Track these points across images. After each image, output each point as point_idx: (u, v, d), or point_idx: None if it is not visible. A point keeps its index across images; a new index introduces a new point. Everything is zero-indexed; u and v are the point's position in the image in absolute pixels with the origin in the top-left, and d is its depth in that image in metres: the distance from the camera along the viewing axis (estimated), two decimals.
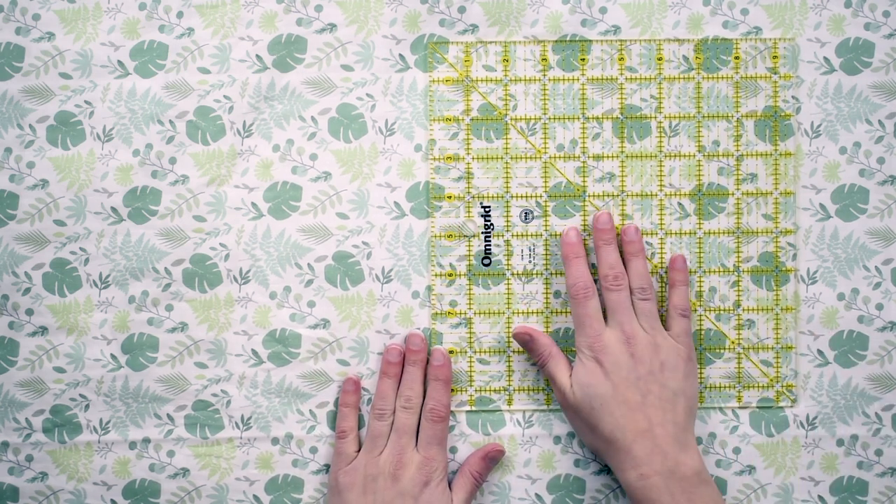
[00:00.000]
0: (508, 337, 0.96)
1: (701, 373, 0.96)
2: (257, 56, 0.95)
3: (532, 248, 0.96)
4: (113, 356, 0.95)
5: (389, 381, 0.94)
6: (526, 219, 0.95)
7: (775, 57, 0.95)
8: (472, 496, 0.93)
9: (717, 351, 0.96)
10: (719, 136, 0.95)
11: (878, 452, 0.96)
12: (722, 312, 0.96)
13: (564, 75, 0.95)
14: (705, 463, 0.94)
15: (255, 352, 0.96)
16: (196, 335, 0.95)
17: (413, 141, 0.96)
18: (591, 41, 0.96)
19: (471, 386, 0.96)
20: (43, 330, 0.95)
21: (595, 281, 0.94)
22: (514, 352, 0.96)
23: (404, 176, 0.96)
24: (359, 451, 0.94)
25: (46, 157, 0.95)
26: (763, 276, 0.96)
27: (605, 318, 0.92)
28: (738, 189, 0.95)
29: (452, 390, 0.96)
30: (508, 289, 0.96)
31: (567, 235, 0.93)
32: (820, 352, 0.96)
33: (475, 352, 0.96)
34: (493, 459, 0.94)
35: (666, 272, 0.95)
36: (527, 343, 0.94)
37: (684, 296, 0.94)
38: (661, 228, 0.95)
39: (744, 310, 0.96)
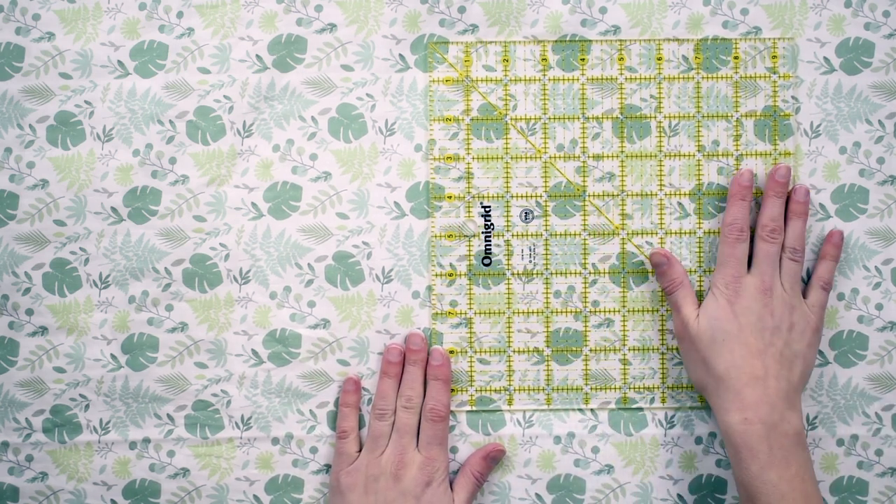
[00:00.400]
0: (509, 337, 0.96)
1: None
2: (257, 56, 0.95)
3: (532, 247, 0.96)
4: (113, 356, 0.95)
5: (390, 380, 0.94)
6: (526, 219, 0.95)
7: (774, 57, 0.95)
8: (474, 496, 0.93)
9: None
10: (719, 135, 0.95)
11: (878, 452, 0.96)
12: None
13: (564, 75, 0.96)
14: (711, 463, 0.95)
15: (255, 352, 0.96)
16: (196, 335, 0.95)
17: (413, 141, 0.96)
18: (590, 41, 0.96)
19: (471, 386, 0.96)
20: (43, 330, 0.95)
21: (751, 229, 0.94)
22: (514, 351, 0.96)
23: (404, 176, 0.96)
24: (360, 451, 0.94)
25: (46, 157, 0.95)
26: None
27: (749, 266, 0.93)
28: None
29: (453, 390, 0.96)
30: (508, 289, 0.96)
31: (741, 175, 0.93)
32: (820, 352, 0.96)
33: (475, 352, 0.96)
34: (494, 459, 0.94)
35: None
36: (661, 266, 0.94)
37: (830, 270, 0.94)
38: (661, 228, 0.95)
39: None
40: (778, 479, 0.86)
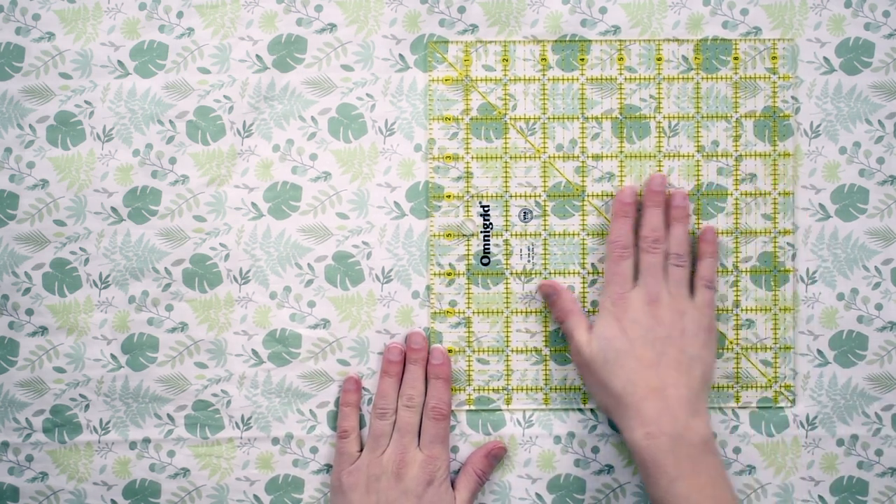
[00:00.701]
0: (507, 336, 0.96)
1: None
2: (257, 56, 0.95)
3: (531, 247, 0.96)
4: (113, 356, 0.95)
5: (391, 380, 0.94)
6: (525, 218, 0.95)
7: (774, 58, 0.95)
8: (476, 495, 0.94)
9: (717, 351, 0.96)
10: (718, 136, 0.95)
11: (878, 452, 0.95)
12: (721, 312, 0.96)
13: (564, 75, 0.96)
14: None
15: (255, 352, 0.96)
16: (196, 335, 0.95)
17: (413, 141, 0.96)
18: (590, 41, 0.96)
19: (469, 385, 0.96)
20: (43, 330, 0.95)
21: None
22: (512, 351, 0.96)
23: (404, 176, 0.96)
24: (361, 451, 0.94)
25: (46, 157, 0.95)
26: (762, 277, 0.96)
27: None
28: (737, 189, 0.95)
29: (451, 389, 0.96)
30: (507, 288, 0.96)
31: (622, 193, 0.94)
32: (820, 352, 0.96)
33: (474, 351, 0.96)
34: (495, 457, 0.94)
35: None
36: (550, 297, 0.94)
37: (711, 268, 0.93)
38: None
39: (742, 310, 0.96)
40: (688, 489, 0.85)
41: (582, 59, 0.95)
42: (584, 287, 0.96)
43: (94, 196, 0.95)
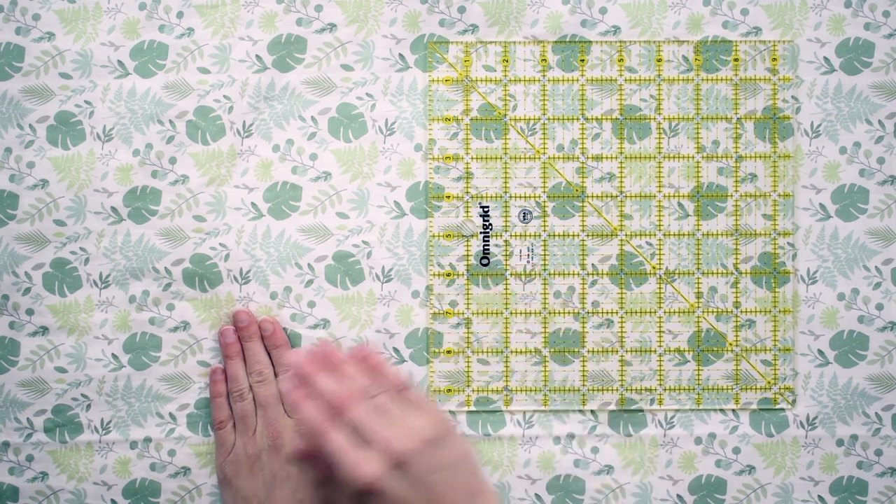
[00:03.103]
0: (507, 337, 0.96)
1: (700, 373, 0.96)
2: (257, 56, 0.95)
3: (531, 248, 0.96)
4: (114, 356, 0.95)
5: (234, 361, 0.94)
6: (525, 219, 0.95)
7: (774, 59, 0.95)
8: None
9: (717, 352, 0.96)
10: (718, 136, 0.95)
11: (878, 452, 0.95)
12: (721, 313, 0.96)
13: (564, 76, 0.95)
14: (710, 463, 0.95)
15: None
16: (198, 334, 0.96)
17: (413, 140, 0.96)
18: (590, 42, 0.96)
19: (469, 386, 0.96)
20: (43, 330, 0.95)
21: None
22: (512, 352, 0.96)
23: (404, 175, 0.96)
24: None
25: (46, 157, 0.95)
26: (762, 277, 0.96)
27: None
28: (737, 190, 0.95)
29: (450, 390, 0.96)
30: (507, 289, 0.96)
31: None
32: (820, 352, 0.96)
33: (474, 352, 0.96)
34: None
35: (666, 272, 0.96)
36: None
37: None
38: (660, 229, 0.95)
39: (742, 311, 0.96)
40: None
41: (582, 60, 0.95)
42: (583, 287, 0.96)
43: (94, 196, 0.95)
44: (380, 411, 0.69)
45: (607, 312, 0.96)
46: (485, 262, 0.96)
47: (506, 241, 0.96)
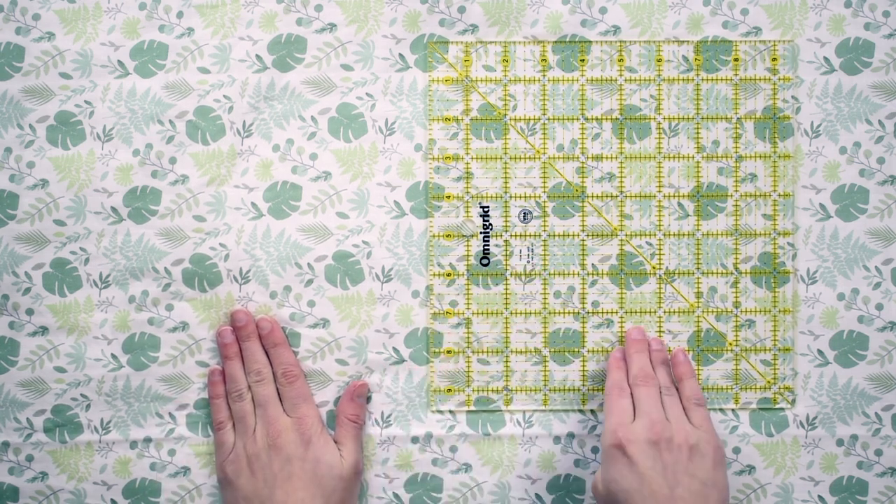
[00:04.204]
0: (507, 337, 0.96)
1: (700, 373, 0.96)
2: (257, 56, 0.95)
3: (531, 248, 0.96)
4: (114, 356, 0.95)
5: (233, 361, 0.94)
6: (525, 219, 0.95)
7: (774, 59, 0.95)
8: (359, 440, 0.94)
9: (717, 351, 0.96)
10: (718, 136, 0.95)
11: (878, 452, 0.95)
12: (721, 313, 0.96)
13: (564, 76, 0.95)
14: None
15: None
16: (197, 334, 0.96)
17: (413, 140, 0.96)
18: (590, 42, 0.95)
19: (469, 386, 0.96)
20: (43, 330, 0.95)
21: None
22: (512, 352, 0.96)
23: (404, 175, 0.96)
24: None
25: (46, 157, 0.95)
26: (762, 277, 0.96)
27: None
28: (737, 190, 0.95)
29: (450, 390, 0.96)
30: (507, 289, 0.96)
31: (630, 334, 0.96)
32: (820, 352, 0.96)
33: (474, 352, 0.96)
34: (360, 395, 0.95)
35: (666, 272, 0.96)
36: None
37: (695, 386, 0.93)
38: (660, 229, 0.95)
39: (742, 311, 0.96)
40: None
41: (582, 60, 0.95)
42: (583, 287, 0.96)
43: (94, 196, 0.95)
44: (667, 404, 0.90)
45: (607, 312, 0.96)
46: (485, 262, 0.96)
47: (506, 241, 0.96)
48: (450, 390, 0.96)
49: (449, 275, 0.96)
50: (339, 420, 0.94)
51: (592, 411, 0.96)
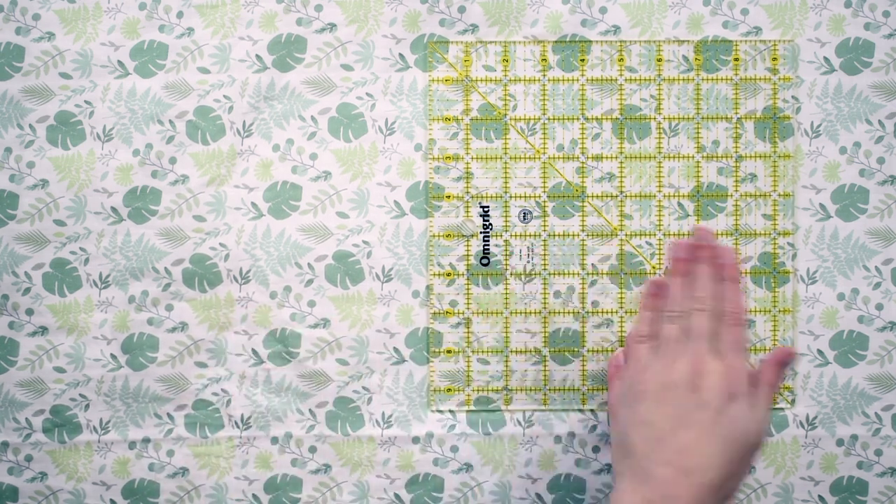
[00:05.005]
0: (507, 337, 0.96)
1: None
2: (257, 56, 0.95)
3: (531, 248, 0.96)
4: (113, 356, 0.95)
5: (679, 280, 0.85)
6: (525, 219, 0.95)
7: (774, 59, 0.95)
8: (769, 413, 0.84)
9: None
10: (718, 136, 0.95)
11: (878, 452, 0.95)
12: None
13: (564, 76, 0.96)
14: None
15: (255, 351, 0.96)
16: (196, 335, 0.95)
17: (413, 140, 0.96)
18: (590, 41, 0.96)
19: (469, 386, 0.96)
20: (43, 330, 0.95)
21: None
22: (512, 352, 0.96)
23: (404, 175, 0.96)
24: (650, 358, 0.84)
25: (46, 157, 0.95)
26: (762, 277, 0.96)
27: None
28: (737, 190, 0.95)
29: (450, 390, 0.96)
30: (507, 289, 0.96)
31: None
32: (820, 352, 0.96)
33: (474, 352, 0.96)
34: (786, 365, 0.84)
35: (666, 273, 0.96)
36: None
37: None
38: (660, 229, 0.95)
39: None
40: None
41: (582, 60, 0.95)
42: (583, 287, 0.96)
43: (94, 196, 0.95)
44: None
45: (607, 312, 0.96)
46: (485, 261, 0.96)
47: (506, 241, 0.96)
48: (450, 390, 0.96)
49: (449, 275, 0.96)
50: (760, 382, 0.83)
51: (592, 411, 0.96)
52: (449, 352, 0.96)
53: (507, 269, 0.96)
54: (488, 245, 0.96)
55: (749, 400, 0.80)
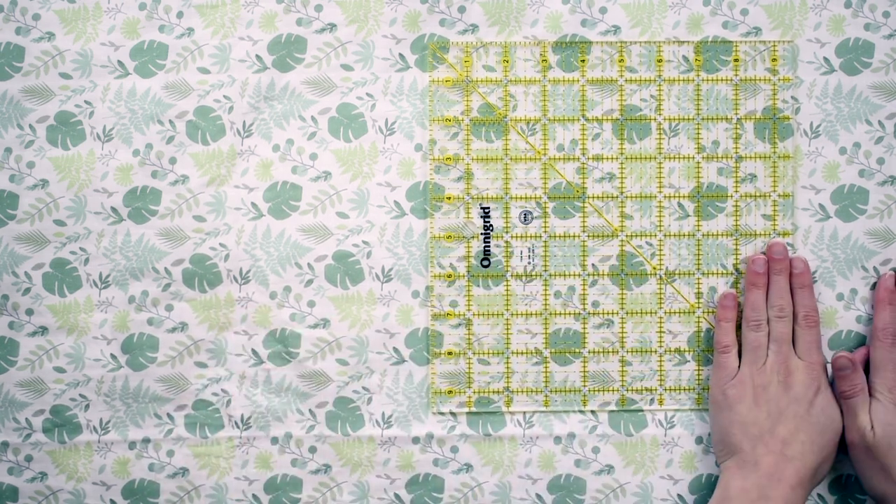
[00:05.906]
0: (508, 338, 0.96)
1: (700, 373, 0.96)
2: (257, 56, 0.95)
3: (531, 249, 0.96)
4: (113, 356, 0.95)
5: (758, 291, 0.94)
6: (525, 220, 0.95)
7: (774, 59, 0.95)
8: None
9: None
10: (718, 136, 0.95)
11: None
12: None
13: (564, 76, 0.95)
14: (710, 463, 0.95)
15: (255, 351, 0.96)
16: (196, 335, 0.95)
17: (413, 141, 0.96)
18: (590, 42, 0.96)
19: (469, 387, 0.96)
20: (43, 330, 0.95)
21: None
22: (513, 353, 0.96)
23: (404, 175, 0.96)
24: (738, 365, 0.94)
25: (46, 157, 0.95)
26: None
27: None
28: (737, 190, 0.95)
29: (451, 391, 0.96)
30: (508, 290, 0.96)
31: (887, 279, 0.95)
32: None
33: (475, 353, 0.96)
34: (844, 368, 0.93)
35: (666, 273, 0.96)
36: (845, 370, 0.93)
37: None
38: (660, 230, 0.95)
39: (742, 311, 0.96)
40: None
41: (582, 60, 0.95)
42: (584, 288, 0.96)
43: (94, 196, 0.95)
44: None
45: (607, 313, 0.96)
46: (485, 262, 0.96)
47: (506, 241, 0.96)
48: (450, 391, 0.96)
49: (449, 275, 0.96)
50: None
51: (593, 411, 0.96)
52: (450, 353, 0.96)
53: (507, 270, 0.96)
54: (489, 246, 0.95)
55: (829, 391, 0.93)
